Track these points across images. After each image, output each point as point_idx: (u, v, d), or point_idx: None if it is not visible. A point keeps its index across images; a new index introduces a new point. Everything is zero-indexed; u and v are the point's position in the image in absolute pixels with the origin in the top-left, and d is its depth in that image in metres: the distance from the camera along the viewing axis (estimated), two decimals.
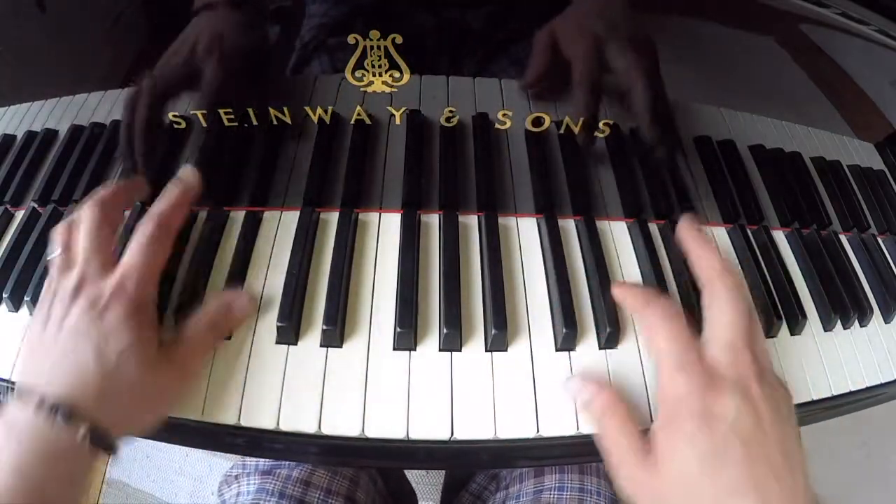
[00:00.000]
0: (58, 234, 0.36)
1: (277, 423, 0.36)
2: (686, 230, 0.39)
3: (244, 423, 0.36)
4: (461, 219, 0.44)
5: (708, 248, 0.38)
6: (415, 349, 0.38)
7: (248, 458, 0.55)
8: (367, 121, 0.45)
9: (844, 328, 0.45)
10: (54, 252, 0.35)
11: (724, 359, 0.33)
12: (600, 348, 0.40)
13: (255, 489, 0.51)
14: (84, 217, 0.35)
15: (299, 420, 0.36)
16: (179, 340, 0.35)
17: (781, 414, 0.32)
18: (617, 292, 0.40)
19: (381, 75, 0.41)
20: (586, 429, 0.36)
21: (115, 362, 0.31)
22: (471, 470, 0.64)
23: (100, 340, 0.31)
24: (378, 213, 0.45)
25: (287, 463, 0.53)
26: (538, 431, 0.36)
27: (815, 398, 0.41)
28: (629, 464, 0.33)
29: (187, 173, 0.40)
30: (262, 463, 0.53)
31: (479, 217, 0.44)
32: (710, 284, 0.36)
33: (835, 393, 0.42)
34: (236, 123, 0.45)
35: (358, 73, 0.41)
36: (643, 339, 0.39)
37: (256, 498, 0.50)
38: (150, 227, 0.36)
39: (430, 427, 0.36)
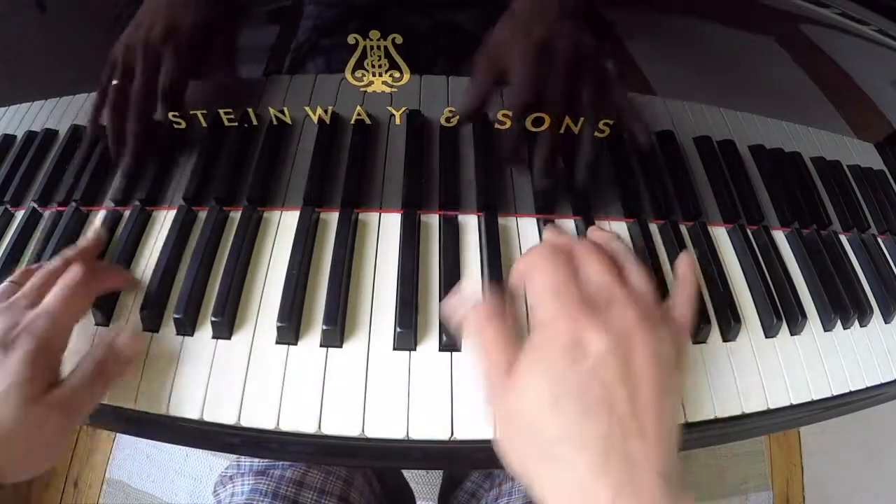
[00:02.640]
0: (23, 268, 0.38)
1: (277, 423, 0.36)
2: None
3: (244, 423, 0.36)
4: (461, 219, 0.44)
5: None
6: (415, 349, 0.38)
7: (243, 459, 0.55)
8: (367, 121, 0.45)
9: (844, 328, 0.45)
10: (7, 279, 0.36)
11: (603, 298, 0.30)
12: None
13: (249, 489, 0.51)
14: (50, 264, 0.37)
15: (299, 420, 0.36)
16: (67, 385, 0.33)
17: (662, 366, 0.28)
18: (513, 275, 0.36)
19: (381, 75, 0.41)
20: None
21: None
22: (470, 469, 0.64)
23: None
24: (378, 213, 0.45)
25: (281, 463, 0.53)
26: None
27: (815, 398, 0.41)
28: (492, 377, 0.31)
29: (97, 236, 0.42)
30: (257, 463, 0.53)
31: (479, 217, 0.44)
32: (581, 239, 0.36)
33: (835, 393, 0.42)
34: (236, 123, 0.45)
35: (358, 73, 0.41)
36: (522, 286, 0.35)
37: (250, 498, 0.50)
38: (78, 274, 0.36)
39: (430, 427, 0.36)
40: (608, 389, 0.27)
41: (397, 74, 0.41)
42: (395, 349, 0.38)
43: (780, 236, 0.49)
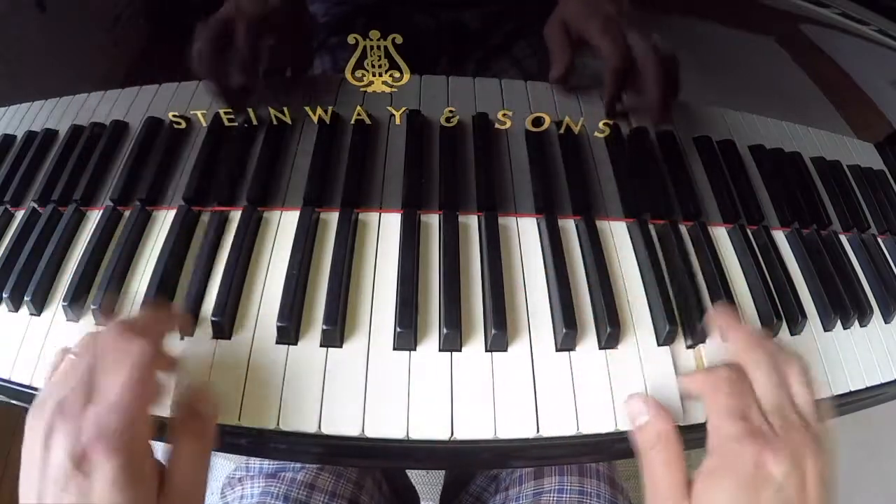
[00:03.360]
0: (85, 338, 0.31)
1: (278, 423, 0.36)
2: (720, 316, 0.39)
3: (244, 423, 0.36)
4: (461, 219, 0.44)
5: (740, 326, 0.38)
6: (415, 349, 0.38)
7: (251, 461, 0.55)
8: (367, 121, 0.45)
9: (844, 328, 0.45)
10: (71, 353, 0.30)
11: (776, 421, 0.32)
12: (600, 348, 0.40)
13: (260, 492, 0.51)
14: (110, 334, 0.30)
15: (299, 420, 0.36)
16: (172, 474, 0.29)
17: (824, 488, 0.31)
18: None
19: (381, 75, 0.41)
20: (586, 429, 0.36)
21: None
22: (470, 469, 0.64)
23: None
24: (378, 213, 0.45)
25: (291, 466, 0.53)
26: (538, 431, 0.36)
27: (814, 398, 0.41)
28: (670, 493, 0.32)
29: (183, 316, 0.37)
30: (267, 466, 0.53)
31: (479, 217, 0.44)
32: (744, 353, 0.35)
33: (835, 393, 0.42)
34: (236, 123, 0.45)
35: (358, 73, 0.41)
36: (699, 387, 0.36)
37: (261, 501, 0.50)
38: (147, 353, 0.30)
39: (430, 427, 0.36)
40: None
41: (397, 74, 0.41)
42: (395, 349, 0.38)
43: (780, 236, 0.49)
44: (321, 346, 0.38)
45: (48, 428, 0.27)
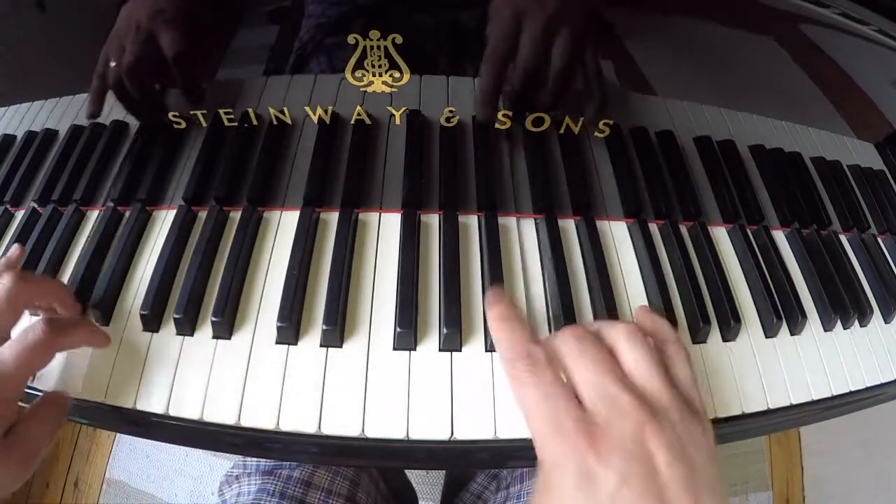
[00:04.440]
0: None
1: (277, 423, 0.36)
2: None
3: (244, 423, 0.36)
4: (461, 219, 0.44)
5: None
6: (415, 349, 0.38)
7: (248, 458, 0.55)
8: (367, 121, 0.45)
9: (844, 328, 0.45)
10: None
11: (602, 410, 0.27)
12: None
13: (256, 489, 0.51)
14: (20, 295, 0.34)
15: (299, 420, 0.36)
16: (19, 434, 0.33)
17: (690, 463, 0.27)
18: (493, 327, 0.33)
19: (381, 75, 0.41)
20: None
21: None
22: (470, 469, 0.64)
23: None
24: (378, 213, 0.45)
25: (288, 463, 0.53)
26: None
27: (815, 398, 0.41)
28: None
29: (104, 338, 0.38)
30: (264, 463, 0.53)
31: (479, 217, 0.44)
32: (560, 353, 0.31)
33: (835, 393, 0.42)
34: (236, 123, 0.45)
35: (358, 73, 0.41)
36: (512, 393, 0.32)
37: (257, 498, 0.50)
38: (42, 334, 0.33)
39: (430, 427, 0.36)
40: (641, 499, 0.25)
41: (397, 74, 0.41)
42: (395, 349, 0.38)
43: (780, 236, 0.49)
44: (321, 346, 0.38)
45: None
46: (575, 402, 0.29)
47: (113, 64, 0.40)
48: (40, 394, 0.37)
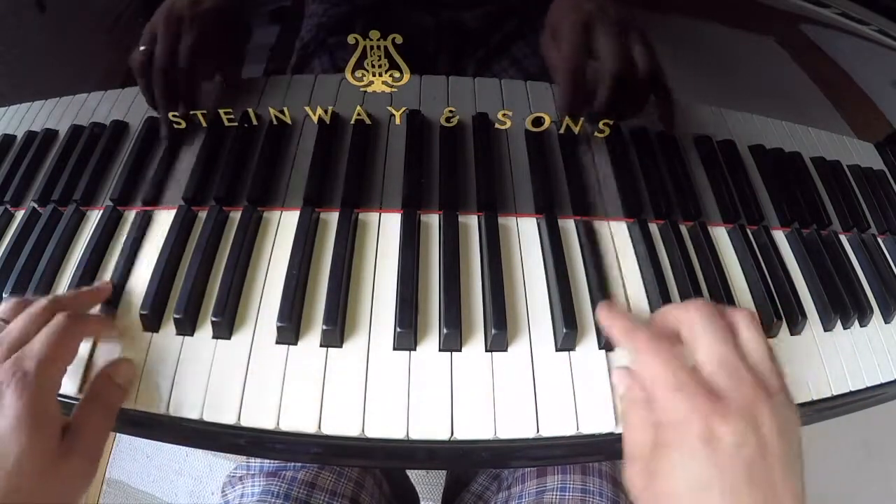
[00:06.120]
0: (11, 301, 0.36)
1: (277, 423, 0.36)
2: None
3: (244, 423, 0.36)
4: (461, 219, 0.44)
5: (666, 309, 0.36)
6: (415, 349, 0.38)
7: (252, 459, 0.55)
8: (367, 121, 0.45)
9: (844, 328, 0.45)
10: None
11: (723, 379, 0.30)
12: (600, 348, 0.40)
13: (260, 490, 0.51)
14: (39, 305, 0.35)
15: (299, 420, 0.36)
16: (77, 429, 0.33)
17: (787, 440, 0.29)
18: (602, 318, 0.37)
19: (381, 75, 0.41)
20: (586, 429, 0.36)
21: (13, 471, 0.28)
22: (471, 469, 0.63)
23: None
24: (378, 213, 0.45)
25: (292, 464, 0.53)
26: (538, 431, 0.36)
27: (815, 398, 0.41)
28: (633, 468, 0.32)
29: (105, 287, 0.40)
30: (267, 464, 0.53)
31: (479, 217, 0.44)
32: (686, 323, 0.33)
33: (835, 393, 0.42)
34: (236, 123, 0.45)
35: (358, 73, 0.41)
36: (631, 364, 0.35)
37: (261, 499, 0.50)
38: (64, 321, 0.33)
39: (430, 427, 0.36)
40: (749, 469, 0.28)
41: (397, 74, 0.41)
42: (395, 349, 0.38)
43: (780, 236, 0.49)
44: (321, 346, 0.38)
45: None
46: (694, 368, 0.31)
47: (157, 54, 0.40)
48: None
